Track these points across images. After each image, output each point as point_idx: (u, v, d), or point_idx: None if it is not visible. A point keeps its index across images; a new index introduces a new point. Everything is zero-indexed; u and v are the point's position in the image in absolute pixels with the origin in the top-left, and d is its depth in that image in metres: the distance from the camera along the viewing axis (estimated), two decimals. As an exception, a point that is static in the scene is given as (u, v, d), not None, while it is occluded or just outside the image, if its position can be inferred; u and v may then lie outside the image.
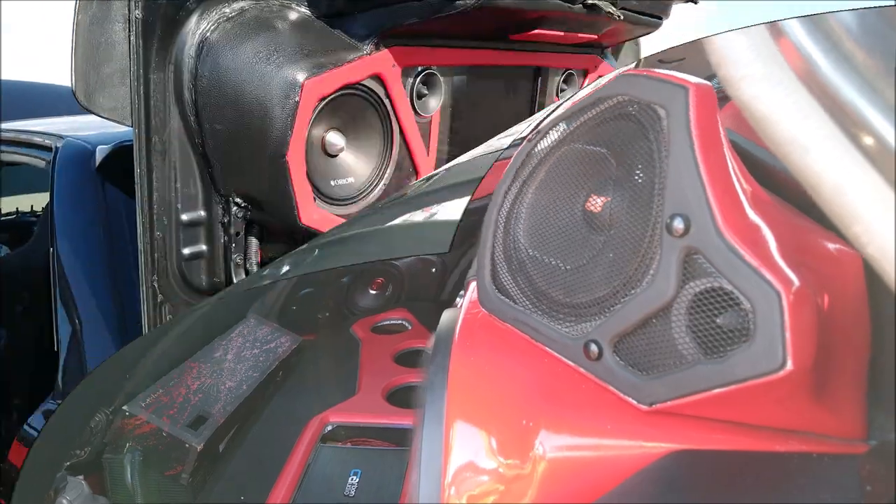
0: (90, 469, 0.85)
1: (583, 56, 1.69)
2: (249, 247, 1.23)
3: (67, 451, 0.90)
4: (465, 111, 1.45)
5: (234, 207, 1.19)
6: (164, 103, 1.10)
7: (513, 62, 1.50)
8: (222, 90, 1.10)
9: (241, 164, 1.14)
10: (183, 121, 1.13)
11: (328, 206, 1.23)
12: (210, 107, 1.11)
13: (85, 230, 1.49)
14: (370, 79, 1.20)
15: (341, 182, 1.25)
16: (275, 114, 1.09)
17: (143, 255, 1.14)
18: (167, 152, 1.13)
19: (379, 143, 1.28)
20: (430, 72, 1.30)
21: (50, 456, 0.98)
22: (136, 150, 1.09)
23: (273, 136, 1.10)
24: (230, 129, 1.12)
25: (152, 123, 1.09)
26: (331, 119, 1.20)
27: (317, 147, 1.19)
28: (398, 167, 1.33)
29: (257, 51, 1.10)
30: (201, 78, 1.10)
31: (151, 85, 1.08)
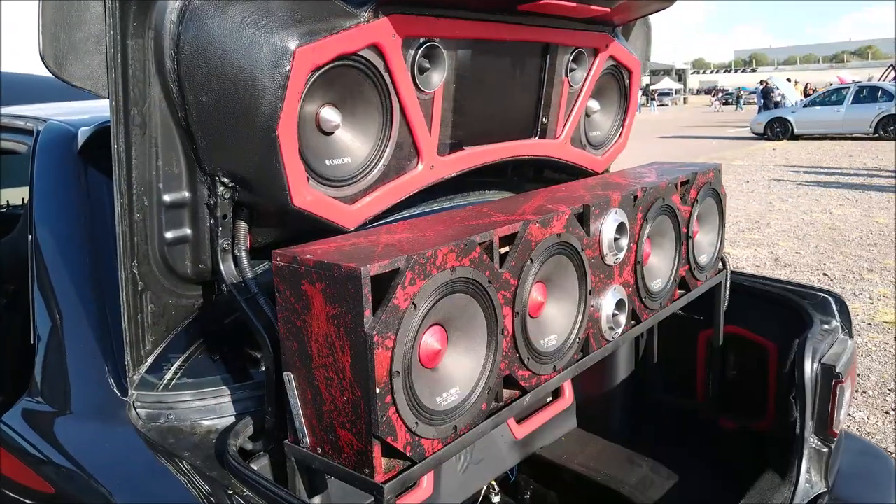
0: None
1: (593, 34, 1.60)
2: (237, 231, 1.14)
3: None
4: (471, 88, 1.36)
5: (220, 187, 1.10)
6: (144, 72, 1.01)
7: (520, 37, 1.41)
8: (207, 58, 1.01)
9: (228, 140, 1.05)
10: (164, 92, 1.04)
11: (323, 186, 1.14)
12: (194, 76, 1.02)
13: (65, 216, 1.40)
14: (368, 49, 1.12)
15: (337, 161, 1.16)
16: (264, 84, 1.00)
17: (122, 238, 1.05)
18: (147, 126, 1.04)
19: (377, 120, 1.19)
20: (433, 44, 1.21)
21: None
22: (113, 123, 1.00)
23: (262, 108, 1.01)
24: (216, 100, 1.03)
25: (130, 94, 1.00)
26: (325, 93, 1.11)
27: (310, 123, 1.11)
28: (398, 147, 1.24)
29: (245, 16, 1.01)
30: (184, 45, 1.01)
31: (129, 52, 0.99)
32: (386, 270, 0.89)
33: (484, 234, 1.04)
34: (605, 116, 1.82)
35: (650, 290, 1.49)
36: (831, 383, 1.57)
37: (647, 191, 1.43)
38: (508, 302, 1.09)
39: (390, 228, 1.11)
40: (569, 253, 1.21)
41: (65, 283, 1.32)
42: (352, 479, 0.94)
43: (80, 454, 1.10)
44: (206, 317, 1.20)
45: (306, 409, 0.97)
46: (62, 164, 1.45)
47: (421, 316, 0.92)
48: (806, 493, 1.55)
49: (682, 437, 1.98)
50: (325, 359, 0.92)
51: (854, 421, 3.04)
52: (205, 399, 1.13)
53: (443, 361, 1.01)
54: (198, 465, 1.02)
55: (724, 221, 1.80)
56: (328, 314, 0.90)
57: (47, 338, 1.30)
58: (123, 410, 1.12)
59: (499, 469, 1.84)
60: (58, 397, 1.23)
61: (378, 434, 0.89)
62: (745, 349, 1.87)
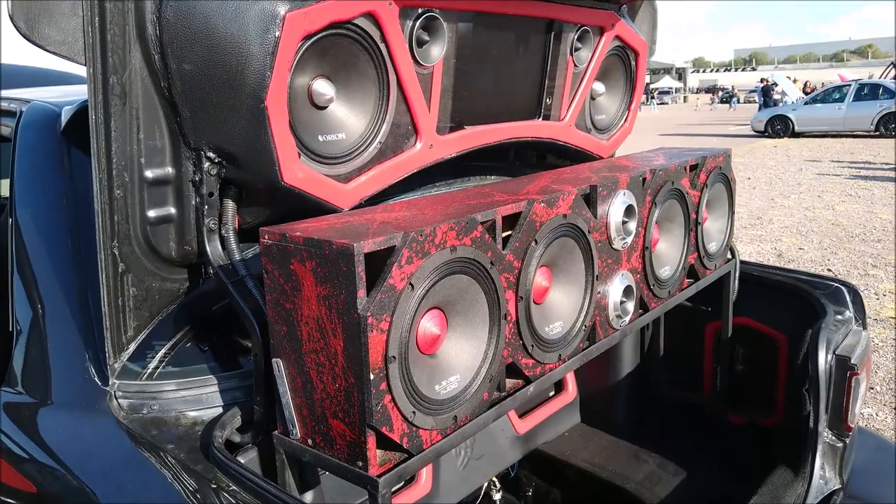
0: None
1: (600, 12, 1.54)
2: (225, 210, 1.08)
3: None
4: (471, 63, 1.29)
5: (206, 163, 1.03)
6: (124, 38, 0.95)
7: (524, 12, 1.35)
8: (191, 23, 0.95)
9: (214, 111, 0.99)
10: (146, 59, 0.97)
11: (315, 164, 1.07)
12: (177, 43, 0.96)
13: (47, 199, 1.34)
14: (363, 17, 1.05)
15: (330, 137, 1.10)
16: (252, 51, 0.93)
17: (101, 216, 0.98)
18: (128, 97, 0.97)
19: (373, 94, 1.13)
20: (432, 15, 1.15)
21: None
22: (90, 93, 0.94)
23: (250, 77, 0.94)
24: (200, 69, 0.96)
25: (109, 62, 0.94)
26: (318, 64, 1.04)
27: (302, 96, 1.04)
28: (395, 124, 1.17)
29: (231, -22, 0.95)
30: (167, 9, 0.95)
31: (108, 16, 0.92)
32: (381, 248, 0.82)
33: (486, 212, 0.98)
34: (610, 99, 1.75)
35: (658, 277, 1.43)
36: (846, 375, 1.51)
37: (655, 173, 1.37)
38: (511, 285, 1.02)
39: (387, 207, 1.04)
40: (575, 235, 1.14)
41: (46, 268, 1.26)
42: (344, 472, 0.88)
43: (58, 447, 1.04)
44: (193, 301, 1.14)
45: (296, 398, 0.91)
46: (44, 145, 1.39)
47: (419, 297, 0.86)
48: (820, 489, 1.49)
49: (689, 432, 1.92)
50: (317, 343, 0.86)
51: (863, 417, 2.98)
52: (190, 389, 1.07)
53: (442, 347, 0.95)
54: (182, 458, 0.96)
55: (733, 208, 1.74)
56: (319, 295, 0.84)
57: (28, 325, 1.24)
58: (104, 400, 1.05)
59: (500, 465, 1.78)
60: (37, 387, 1.16)
61: (372, 424, 0.83)
62: (755, 341, 1.81)
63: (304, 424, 0.91)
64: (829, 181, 9.79)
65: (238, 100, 0.96)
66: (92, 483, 0.95)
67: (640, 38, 1.71)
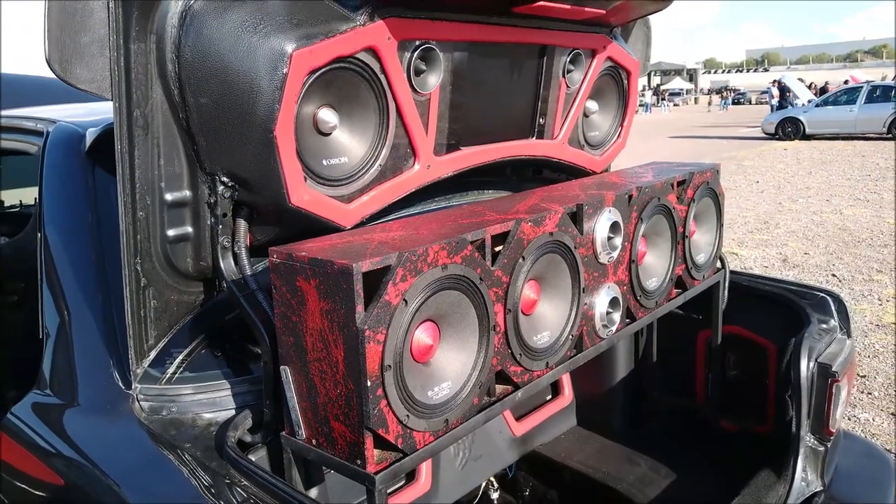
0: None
1: (591, 35, 1.62)
2: (238, 229, 1.17)
3: None
4: (467, 90, 1.38)
5: (220, 187, 1.13)
6: (146, 75, 1.05)
7: (517, 39, 1.44)
8: (207, 62, 1.04)
9: (228, 140, 1.08)
10: (166, 94, 1.07)
11: (320, 186, 1.16)
12: (194, 79, 1.06)
13: (73, 215, 1.44)
14: (364, 52, 1.14)
15: (334, 161, 1.19)
16: (262, 86, 1.03)
17: (125, 236, 1.08)
18: (150, 127, 1.07)
19: (374, 120, 1.22)
20: (429, 46, 1.24)
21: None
22: (116, 125, 1.03)
23: (260, 110, 1.04)
24: (215, 102, 1.06)
25: (133, 97, 1.04)
26: (322, 94, 1.14)
27: (308, 124, 1.13)
28: (395, 147, 1.26)
29: (243, 20, 1.04)
30: (185, 48, 1.05)
31: (132, 56, 1.02)
32: (377, 267, 0.91)
33: (476, 232, 1.07)
34: (603, 117, 1.83)
35: (645, 288, 1.51)
36: (827, 382, 1.57)
37: (642, 190, 1.45)
38: (500, 299, 1.11)
39: (385, 227, 1.13)
40: (561, 251, 1.23)
41: (72, 279, 1.36)
42: (345, 469, 0.96)
43: (85, 445, 1.14)
44: (208, 313, 1.24)
45: (302, 402, 1.00)
46: (70, 165, 1.49)
47: (412, 311, 0.95)
48: (802, 491, 1.56)
49: (682, 436, 1.99)
50: (320, 353, 0.95)
51: (859, 422, 3.03)
52: (205, 392, 1.16)
53: (435, 356, 1.04)
54: (198, 456, 1.05)
55: (722, 221, 1.81)
56: (322, 309, 0.93)
57: (55, 333, 1.34)
58: (127, 403, 1.15)
59: (497, 466, 1.86)
60: (65, 390, 1.26)
61: (370, 426, 0.92)
62: (745, 349, 1.88)
63: (308, 426, 1.00)
64: (839, 185, 9.77)
65: (249, 130, 1.05)
66: (117, 477, 1.05)
67: (632, 58, 1.79)
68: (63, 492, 1.17)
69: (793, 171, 11.59)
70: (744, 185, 10.17)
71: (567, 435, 2.08)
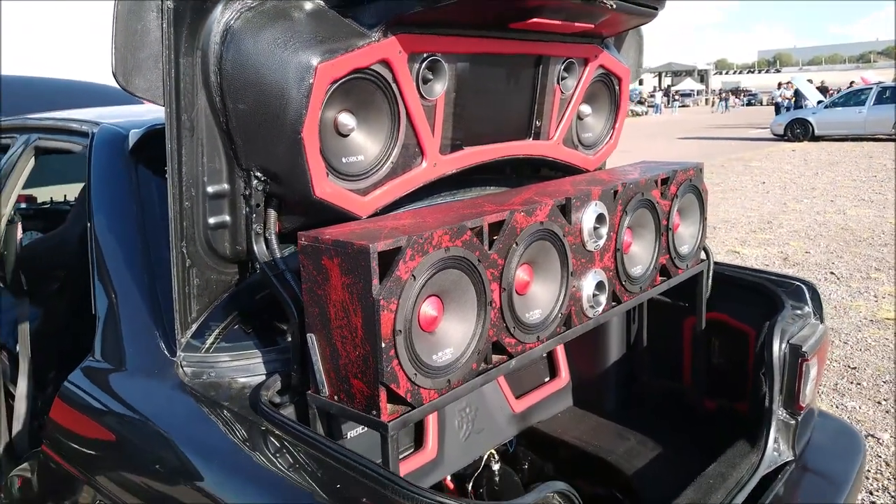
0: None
1: (583, 45, 1.79)
2: (269, 218, 1.35)
3: None
4: (469, 95, 1.55)
5: (254, 181, 1.30)
6: (193, 85, 1.22)
7: (514, 50, 1.60)
8: (244, 73, 1.22)
9: (261, 141, 1.26)
10: (209, 101, 1.25)
11: (340, 181, 1.34)
12: (233, 88, 1.23)
13: (119, 208, 1.62)
14: (378, 64, 1.31)
15: (352, 159, 1.36)
16: (291, 94, 1.20)
17: (173, 223, 1.25)
18: (195, 130, 1.24)
19: (387, 123, 1.39)
20: (435, 58, 1.41)
21: None
22: (167, 127, 1.21)
23: (290, 114, 1.21)
24: (251, 108, 1.23)
25: (182, 103, 1.21)
26: (342, 101, 1.31)
27: (329, 126, 1.31)
28: (405, 146, 1.43)
29: (276, 37, 1.22)
30: (226, 62, 1.22)
31: (181, 68, 1.20)
32: (390, 248, 1.08)
33: (475, 220, 1.23)
34: (596, 119, 1.99)
35: (630, 275, 1.67)
36: (798, 361, 1.73)
37: (626, 186, 1.61)
38: (496, 279, 1.28)
39: (396, 216, 1.30)
40: (551, 238, 1.39)
41: (120, 263, 1.54)
42: (363, 419, 1.14)
43: (137, 403, 1.32)
44: (242, 291, 1.41)
45: (325, 364, 1.17)
46: (115, 162, 1.67)
47: (419, 286, 1.12)
48: (774, 459, 1.72)
49: (669, 415, 2.14)
50: (341, 321, 1.12)
51: (846, 409, 3.17)
52: (239, 360, 1.33)
53: (439, 326, 1.21)
54: (236, 411, 1.22)
55: (705, 215, 1.96)
56: (343, 283, 1.10)
57: (106, 309, 1.52)
58: (172, 368, 1.33)
59: (498, 439, 2.03)
60: (115, 358, 1.44)
61: (384, 381, 1.09)
62: (728, 334, 2.04)
63: (331, 384, 1.17)
64: (844, 185, 9.85)
65: (280, 132, 1.22)
66: (168, 428, 1.22)
67: (623, 65, 1.95)
68: (116, 445, 1.34)
69: (799, 171, 11.66)
70: (749, 186, 10.27)
71: (563, 413, 2.24)
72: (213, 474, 1.14)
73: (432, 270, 1.14)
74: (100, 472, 1.34)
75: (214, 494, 1.11)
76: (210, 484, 1.13)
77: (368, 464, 1.02)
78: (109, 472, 1.32)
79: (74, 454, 1.42)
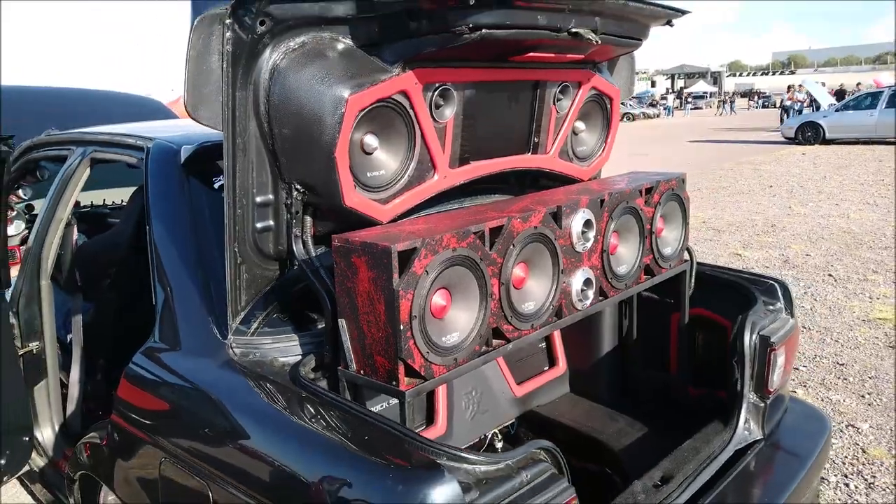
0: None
1: (577, 70, 2.03)
2: (306, 223, 1.60)
3: None
4: (475, 117, 1.79)
5: (294, 192, 1.56)
6: (246, 114, 1.48)
7: (515, 77, 1.85)
8: (288, 104, 1.47)
9: (301, 160, 1.51)
10: (258, 127, 1.50)
11: (365, 192, 1.59)
12: (278, 116, 1.49)
13: (173, 215, 1.88)
14: (398, 94, 1.56)
15: (375, 174, 1.61)
16: (327, 121, 1.45)
17: (228, 226, 1.51)
18: (247, 150, 1.50)
19: (404, 143, 1.64)
20: (445, 87, 1.66)
21: None
22: (224, 148, 1.47)
23: (325, 138, 1.46)
24: (293, 133, 1.49)
25: (237, 129, 1.47)
26: (368, 125, 1.56)
27: (357, 146, 1.56)
28: (419, 162, 1.68)
29: (314, 74, 1.47)
30: (273, 95, 1.48)
31: (237, 101, 1.45)
32: (408, 248, 1.33)
33: (478, 225, 1.48)
34: (590, 134, 2.23)
35: (616, 273, 1.90)
36: (767, 351, 1.96)
37: (612, 195, 1.85)
38: (496, 275, 1.52)
39: (412, 222, 1.55)
40: (543, 241, 1.63)
41: (176, 260, 1.80)
42: (384, 389, 1.39)
43: (195, 378, 1.58)
44: (282, 285, 1.67)
45: (353, 344, 1.42)
46: (170, 174, 1.94)
47: (431, 279, 1.36)
48: (744, 437, 1.95)
49: (657, 401, 2.37)
50: (367, 308, 1.37)
51: (831, 402, 3.38)
52: (280, 342, 1.59)
53: (448, 314, 1.46)
54: (279, 384, 1.47)
55: (687, 220, 2.19)
56: (369, 277, 1.35)
57: (163, 301, 1.78)
58: (223, 349, 1.58)
59: (501, 420, 2.27)
60: (173, 340, 1.70)
61: (402, 357, 1.34)
62: (709, 328, 2.27)
63: (358, 361, 1.42)
64: (851, 189, 9.98)
65: (317, 153, 1.48)
66: (223, 397, 1.48)
67: (614, 86, 2.19)
68: (176, 411, 1.60)
69: (808, 175, 11.79)
70: (757, 190, 10.43)
71: (561, 399, 2.48)
72: (261, 433, 1.39)
73: (442, 267, 1.39)
74: (162, 434, 1.60)
75: (260, 450, 1.36)
76: (257, 441, 1.38)
77: (390, 422, 1.27)
78: (171, 434, 1.58)
79: (140, 420, 1.69)
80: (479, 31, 1.42)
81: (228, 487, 1.39)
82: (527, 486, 1.23)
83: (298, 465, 1.30)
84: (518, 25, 1.48)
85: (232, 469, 1.40)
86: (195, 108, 1.42)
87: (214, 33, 1.39)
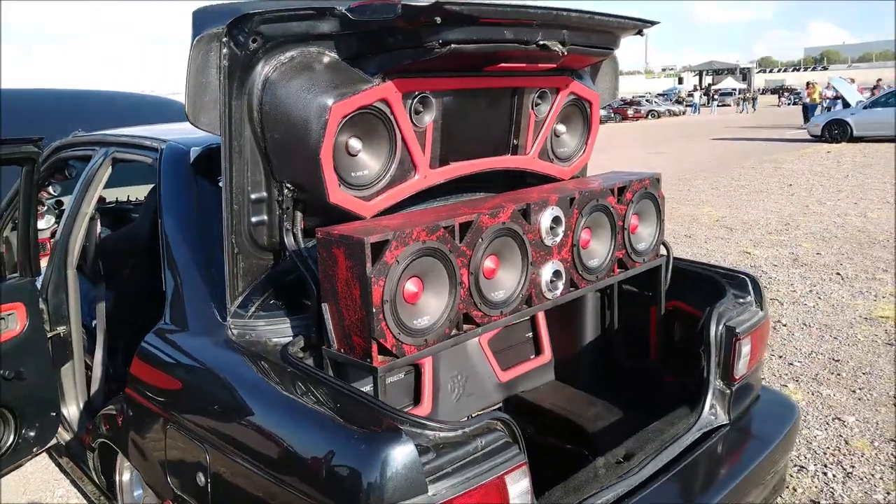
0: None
1: (555, 77, 2.17)
2: (296, 217, 1.78)
3: None
4: (454, 121, 1.95)
5: (285, 190, 1.74)
6: (241, 121, 1.66)
7: (492, 85, 2.00)
8: (278, 111, 1.65)
9: (290, 161, 1.69)
10: (252, 132, 1.68)
11: (349, 190, 1.76)
12: (270, 122, 1.66)
13: (183, 210, 2.08)
14: (379, 102, 1.73)
15: (359, 174, 1.78)
16: (312, 127, 1.63)
17: (226, 220, 1.70)
18: (242, 153, 1.68)
19: (386, 146, 1.80)
20: (424, 95, 1.82)
21: None
22: (222, 151, 1.65)
23: (311, 141, 1.63)
24: (283, 137, 1.66)
25: (233, 134, 1.65)
26: (351, 129, 1.72)
27: (342, 149, 1.73)
28: (401, 163, 1.85)
29: (302, 84, 1.64)
30: (265, 104, 1.66)
31: (233, 109, 1.63)
32: (380, 240, 1.50)
33: (448, 220, 1.64)
34: (570, 136, 2.37)
35: (587, 266, 2.05)
36: (732, 340, 2.08)
37: (582, 193, 1.99)
38: (465, 265, 1.68)
39: (391, 217, 1.72)
40: (512, 235, 1.79)
41: (184, 252, 2.00)
42: (360, 365, 1.56)
43: (199, 355, 1.77)
44: (275, 274, 1.85)
45: (335, 326, 1.60)
46: (180, 173, 2.13)
47: (402, 268, 1.53)
48: (710, 422, 2.07)
49: (634, 387, 2.51)
50: (346, 293, 1.54)
51: (821, 396, 3.46)
52: (273, 325, 1.77)
53: (420, 300, 1.62)
54: (271, 360, 1.65)
55: (662, 218, 2.32)
56: (347, 266, 1.52)
57: (173, 287, 1.98)
58: (223, 330, 1.77)
59: (485, 403, 2.43)
60: (181, 322, 1.90)
61: (375, 337, 1.50)
62: (684, 319, 2.39)
63: (339, 341, 1.60)
64: (872, 188, 9.87)
65: (304, 154, 1.65)
66: (224, 371, 1.67)
67: (593, 91, 2.32)
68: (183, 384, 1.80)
69: (830, 173, 11.66)
70: (776, 188, 10.37)
71: (545, 385, 2.63)
72: (256, 403, 1.57)
73: (412, 257, 1.55)
74: (171, 405, 1.80)
75: (253, 419, 1.54)
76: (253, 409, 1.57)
77: (365, 395, 1.44)
78: (178, 404, 1.78)
79: (151, 393, 1.89)
80: (448, 46, 1.57)
81: (226, 452, 1.57)
82: (481, 451, 1.39)
83: (283, 430, 1.47)
84: (486, 40, 1.64)
85: (228, 436, 1.58)
86: (196, 115, 1.61)
87: (212, 50, 1.57)
